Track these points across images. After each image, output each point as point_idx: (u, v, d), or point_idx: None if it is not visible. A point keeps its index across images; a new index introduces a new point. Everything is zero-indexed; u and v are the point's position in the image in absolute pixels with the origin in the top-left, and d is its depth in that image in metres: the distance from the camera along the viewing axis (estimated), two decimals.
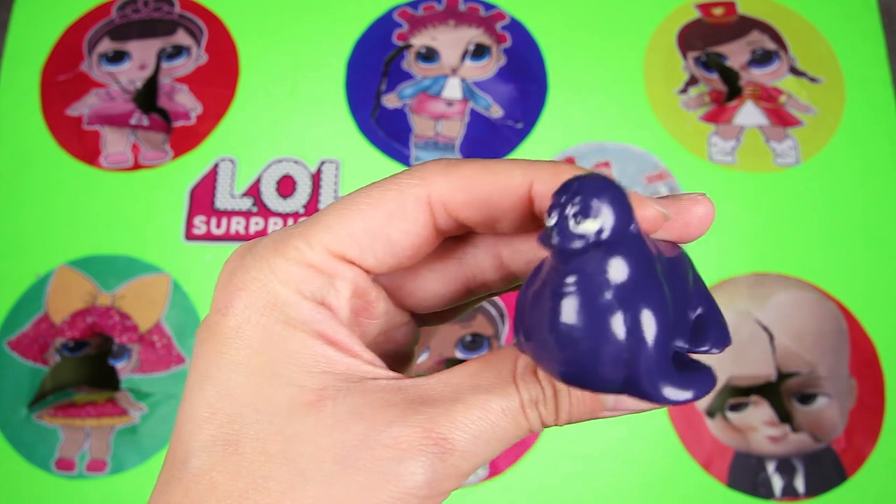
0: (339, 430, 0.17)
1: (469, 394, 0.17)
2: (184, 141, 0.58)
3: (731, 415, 0.52)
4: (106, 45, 0.61)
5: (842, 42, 0.61)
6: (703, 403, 0.52)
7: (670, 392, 0.16)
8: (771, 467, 0.51)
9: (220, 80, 0.60)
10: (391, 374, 0.18)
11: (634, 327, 0.15)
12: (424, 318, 0.23)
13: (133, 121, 0.59)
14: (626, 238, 0.16)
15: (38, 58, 0.61)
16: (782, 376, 0.52)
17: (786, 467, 0.51)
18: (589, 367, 0.16)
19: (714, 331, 0.19)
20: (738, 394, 0.52)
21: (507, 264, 0.20)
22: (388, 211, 0.18)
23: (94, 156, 0.58)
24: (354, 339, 0.18)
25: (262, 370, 0.17)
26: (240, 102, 0.59)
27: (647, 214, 0.17)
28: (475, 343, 0.53)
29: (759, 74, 0.60)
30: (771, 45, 0.61)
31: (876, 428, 0.51)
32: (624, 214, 0.16)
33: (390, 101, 0.59)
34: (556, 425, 0.18)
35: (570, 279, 0.16)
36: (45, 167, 0.58)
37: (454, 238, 0.20)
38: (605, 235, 0.15)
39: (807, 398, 0.52)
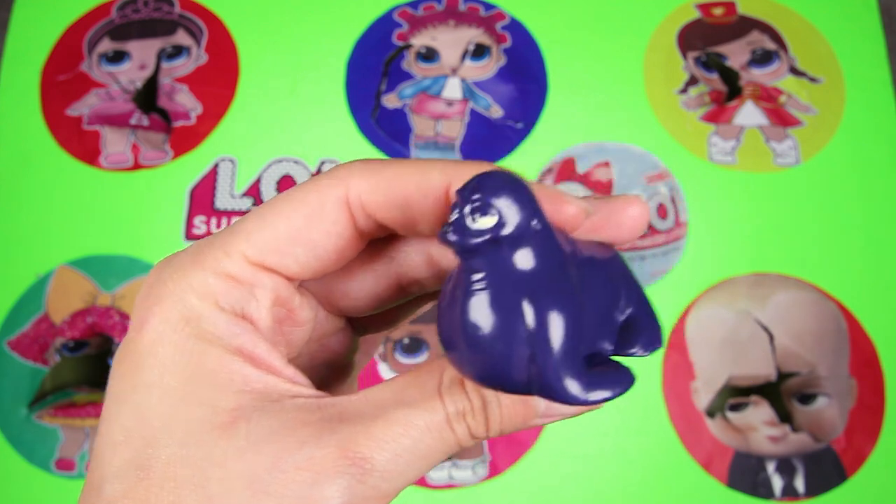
0: (251, 454, 0.16)
1: (391, 410, 0.17)
2: (184, 141, 0.58)
3: (731, 415, 0.52)
4: (106, 45, 0.61)
5: (842, 42, 0.61)
6: (703, 403, 0.52)
7: (578, 391, 0.16)
8: (771, 467, 0.51)
9: (220, 80, 0.60)
10: (313, 391, 0.18)
11: (539, 325, 0.15)
12: (364, 327, 0.22)
13: (133, 121, 0.59)
14: (529, 234, 0.15)
15: (38, 58, 0.61)
16: (782, 376, 0.52)
17: (786, 467, 0.51)
18: (499, 367, 0.15)
19: (644, 333, 0.19)
20: (738, 394, 0.52)
21: (437, 261, 0.20)
22: (307, 213, 0.18)
23: (94, 156, 0.58)
24: (275, 354, 0.18)
25: (175, 390, 0.17)
26: (240, 102, 0.59)
27: (566, 211, 0.17)
28: None
29: (759, 74, 0.60)
30: (771, 45, 0.61)
31: (876, 428, 0.51)
32: (525, 210, 0.15)
33: (390, 101, 0.59)
34: (486, 438, 0.18)
35: (475, 277, 0.15)
36: (45, 167, 0.58)
37: (384, 238, 0.20)
38: (505, 231, 0.15)
39: (807, 398, 0.52)
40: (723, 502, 0.50)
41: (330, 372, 0.22)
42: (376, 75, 0.60)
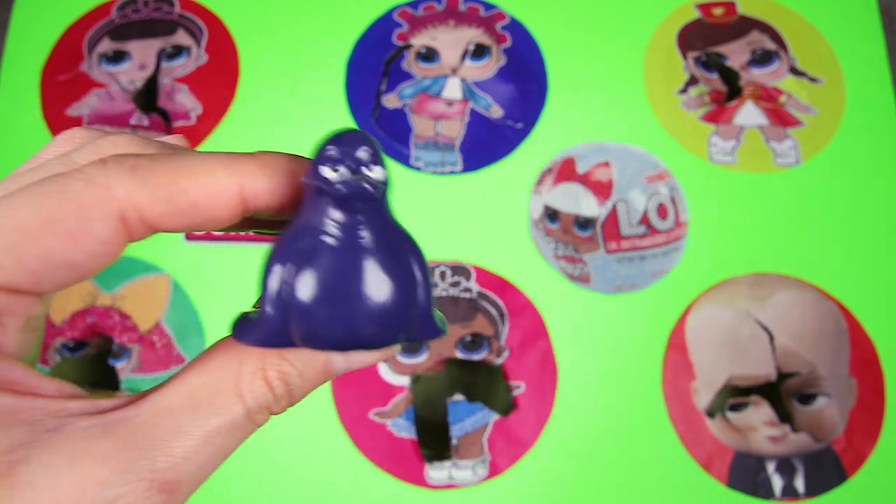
0: (45, 503, 0.14)
1: (187, 420, 0.15)
2: None
3: (731, 415, 0.52)
4: (106, 45, 0.61)
5: (842, 42, 0.61)
6: (703, 403, 0.52)
7: (441, 325, 0.17)
8: (771, 467, 0.51)
9: (220, 80, 0.60)
10: (86, 404, 0.15)
11: (423, 273, 0.16)
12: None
13: (133, 121, 0.59)
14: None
15: (38, 58, 0.61)
16: (782, 376, 0.52)
17: (786, 467, 0.51)
18: (390, 318, 0.16)
19: None
20: (738, 394, 0.52)
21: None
22: (67, 232, 0.15)
23: None
24: (32, 374, 0.15)
25: None
26: (240, 102, 0.59)
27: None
28: (475, 343, 0.53)
29: (759, 74, 0.60)
30: (771, 45, 0.61)
31: (876, 428, 0.51)
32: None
33: (390, 101, 0.59)
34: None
35: (365, 233, 0.16)
36: None
37: None
38: (384, 186, 0.16)
39: (807, 398, 0.52)
40: (723, 502, 0.50)
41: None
42: (376, 75, 0.60)
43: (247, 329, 0.16)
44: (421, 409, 0.51)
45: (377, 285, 0.16)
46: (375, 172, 0.16)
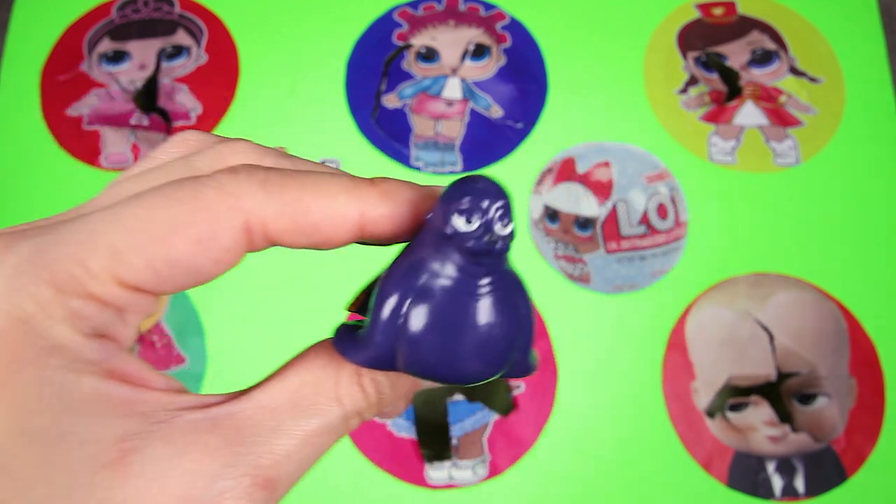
0: (154, 492, 0.14)
1: (289, 419, 0.16)
2: None
3: (731, 415, 0.52)
4: (106, 45, 0.61)
5: (842, 42, 0.61)
6: (703, 403, 0.52)
7: (532, 368, 0.18)
8: (771, 467, 0.51)
9: (220, 80, 0.60)
10: (192, 398, 0.16)
11: (529, 317, 0.17)
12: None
13: (133, 121, 0.59)
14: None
15: (38, 58, 0.61)
16: (782, 376, 0.52)
17: (786, 467, 0.51)
18: (492, 361, 0.17)
19: None
20: (738, 394, 0.52)
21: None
22: (196, 238, 0.15)
23: (94, 156, 0.58)
24: (145, 367, 0.16)
25: (45, 434, 0.14)
26: (240, 102, 0.59)
27: None
28: None
29: (759, 74, 0.60)
30: (771, 45, 0.61)
31: (876, 428, 0.51)
32: None
33: (390, 101, 0.59)
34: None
35: (483, 281, 0.16)
36: (45, 167, 0.58)
37: None
38: (512, 241, 0.16)
39: (807, 398, 0.52)
40: (723, 502, 0.50)
41: None
42: (376, 75, 0.60)
43: (352, 347, 0.17)
44: (421, 409, 0.51)
45: (488, 330, 0.16)
46: (508, 229, 0.16)
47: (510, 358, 0.17)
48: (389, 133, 0.58)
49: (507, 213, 0.16)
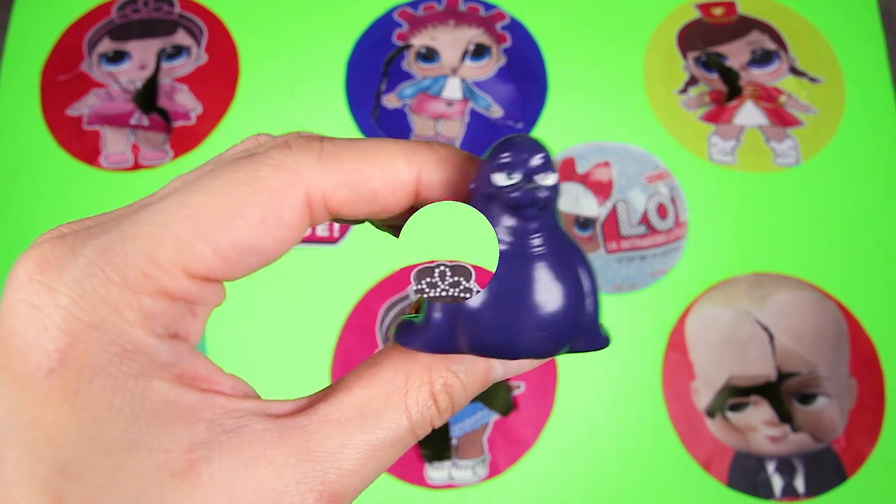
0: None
1: (357, 433, 0.16)
2: (184, 141, 0.58)
3: (731, 415, 0.52)
4: (106, 45, 0.61)
5: (842, 42, 0.61)
6: (703, 403, 0.52)
7: (607, 335, 0.17)
8: (771, 467, 0.51)
9: (220, 80, 0.60)
10: (258, 405, 0.16)
11: (592, 280, 0.16)
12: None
13: (133, 121, 0.59)
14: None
15: (38, 58, 0.61)
16: (782, 376, 0.52)
17: (786, 467, 0.51)
18: (560, 329, 0.16)
19: None
20: (738, 394, 0.52)
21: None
22: (260, 218, 0.15)
23: (94, 156, 0.58)
24: (213, 368, 0.16)
25: (116, 443, 0.14)
26: (240, 102, 0.59)
27: None
28: None
29: (759, 74, 0.60)
30: (771, 45, 0.61)
31: (876, 428, 0.51)
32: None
33: (390, 101, 0.59)
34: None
35: (535, 239, 0.15)
36: (45, 167, 0.58)
37: None
38: (556, 193, 0.16)
39: (807, 398, 0.52)
40: (723, 502, 0.50)
41: None
42: (376, 75, 0.60)
43: (413, 335, 0.16)
44: None
45: (548, 294, 0.15)
46: (550, 179, 0.15)
47: (576, 328, 0.16)
48: (389, 133, 0.58)
49: (547, 165, 0.15)
